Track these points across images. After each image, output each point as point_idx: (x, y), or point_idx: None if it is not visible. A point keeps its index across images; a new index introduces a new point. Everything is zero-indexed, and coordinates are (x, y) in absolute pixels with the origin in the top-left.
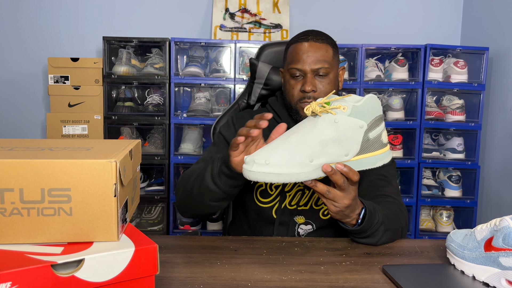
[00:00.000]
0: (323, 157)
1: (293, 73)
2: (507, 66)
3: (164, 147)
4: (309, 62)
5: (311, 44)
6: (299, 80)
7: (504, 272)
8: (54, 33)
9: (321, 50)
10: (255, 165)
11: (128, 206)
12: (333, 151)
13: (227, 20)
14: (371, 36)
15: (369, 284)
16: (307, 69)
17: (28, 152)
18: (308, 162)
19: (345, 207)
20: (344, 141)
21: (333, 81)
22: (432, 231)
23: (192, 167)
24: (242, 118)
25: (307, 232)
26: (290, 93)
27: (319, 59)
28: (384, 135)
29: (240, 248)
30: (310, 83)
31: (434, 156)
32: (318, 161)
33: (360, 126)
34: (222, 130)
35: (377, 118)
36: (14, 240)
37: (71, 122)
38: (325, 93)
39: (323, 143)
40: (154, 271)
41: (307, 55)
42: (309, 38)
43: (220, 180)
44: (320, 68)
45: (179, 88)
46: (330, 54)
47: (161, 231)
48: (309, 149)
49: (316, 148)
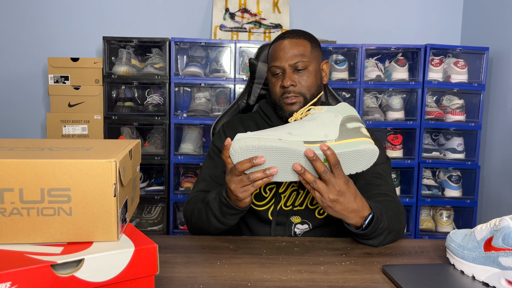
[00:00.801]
0: (301, 130)
1: (273, 71)
2: (507, 66)
3: (164, 147)
4: (286, 58)
5: (288, 41)
6: (279, 77)
7: (504, 272)
8: (54, 33)
9: (299, 46)
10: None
11: (128, 206)
12: (311, 130)
13: (227, 20)
14: (371, 36)
15: (369, 284)
16: (284, 65)
17: (28, 152)
18: (287, 133)
19: (331, 201)
20: (321, 124)
21: (313, 74)
22: (432, 231)
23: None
24: (233, 124)
25: (303, 231)
26: (273, 90)
27: (295, 54)
28: (364, 130)
29: (240, 248)
30: (289, 78)
31: (434, 156)
32: (297, 132)
33: (335, 116)
34: (215, 142)
35: (352, 116)
36: (14, 240)
37: (71, 122)
38: (306, 87)
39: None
40: (154, 271)
41: (284, 52)
42: (285, 36)
43: (226, 219)
44: (297, 62)
45: (179, 88)
46: (308, 48)
47: (161, 231)
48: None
49: (294, 125)
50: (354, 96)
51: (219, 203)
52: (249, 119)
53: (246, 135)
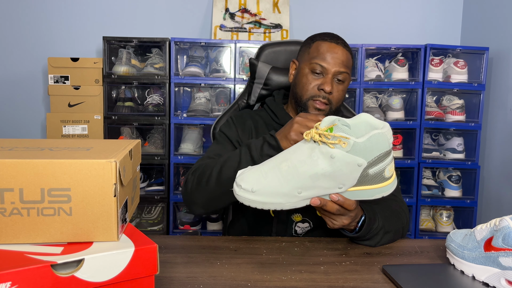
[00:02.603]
0: (313, 190)
1: (314, 69)
2: (507, 66)
3: (164, 147)
4: (334, 64)
5: (340, 48)
6: (317, 77)
7: (504, 272)
8: (54, 33)
9: (348, 58)
10: (241, 190)
11: (128, 206)
12: (325, 185)
13: (227, 20)
14: (371, 36)
15: (369, 284)
16: (331, 69)
17: (28, 152)
18: (296, 193)
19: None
20: (338, 176)
21: (346, 89)
22: (432, 231)
23: (201, 163)
24: (242, 117)
25: (305, 230)
26: (305, 87)
27: (344, 64)
28: (389, 169)
29: (240, 248)
30: (331, 85)
31: (434, 156)
32: (307, 193)
33: (358, 164)
34: (223, 129)
35: (382, 154)
36: (14, 240)
37: (71, 122)
38: (337, 99)
39: (314, 177)
40: (154, 271)
41: (334, 56)
42: (338, 42)
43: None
44: (343, 72)
45: (179, 88)
46: (351, 63)
47: (161, 231)
48: (298, 182)
49: (306, 181)
50: (354, 96)
51: (262, 143)
52: (257, 115)
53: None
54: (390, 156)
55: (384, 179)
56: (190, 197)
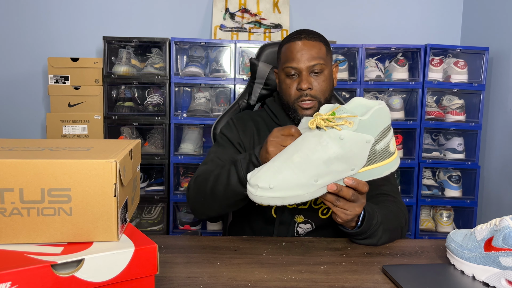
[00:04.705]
0: (329, 176)
1: (288, 72)
2: (507, 66)
3: (164, 147)
4: (303, 60)
5: (305, 43)
6: (294, 79)
7: (504, 272)
8: (54, 33)
9: (315, 48)
10: (259, 189)
11: (128, 206)
12: (338, 168)
13: (227, 20)
14: (371, 36)
15: (369, 284)
16: (302, 67)
17: (28, 152)
18: (313, 182)
19: (356, 214)
20: (350, 157)
21: (328, 78)
22: (432, 231)
23: (203, 168)
24: (243, 119)
25: (306, 231)
26: (287, 92)
27: (313, 56)
28: (392, 144)
29: (240, 248)
30: (306, 81)
31: (434, 156)
32: (323, 180)
33: (367, 141)
34: (224, 131)
35: (385, 128)
36: (14, 240)
37: (71, 122)
38: (321, 91)
39: (328, 162)
40: (154, 271)
41: (301, 53)
42: (301, 37)
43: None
44: (315, 65)
45: (179, 88)
46: (323, 51)
47: (161, 231)
48: (314, 169)
49: (321, 168)
50: (354, 96)
51: (248, 162)
52: (258, 116)
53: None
54: (391, 130)
55: (390, 154)
56: (192, 205)
